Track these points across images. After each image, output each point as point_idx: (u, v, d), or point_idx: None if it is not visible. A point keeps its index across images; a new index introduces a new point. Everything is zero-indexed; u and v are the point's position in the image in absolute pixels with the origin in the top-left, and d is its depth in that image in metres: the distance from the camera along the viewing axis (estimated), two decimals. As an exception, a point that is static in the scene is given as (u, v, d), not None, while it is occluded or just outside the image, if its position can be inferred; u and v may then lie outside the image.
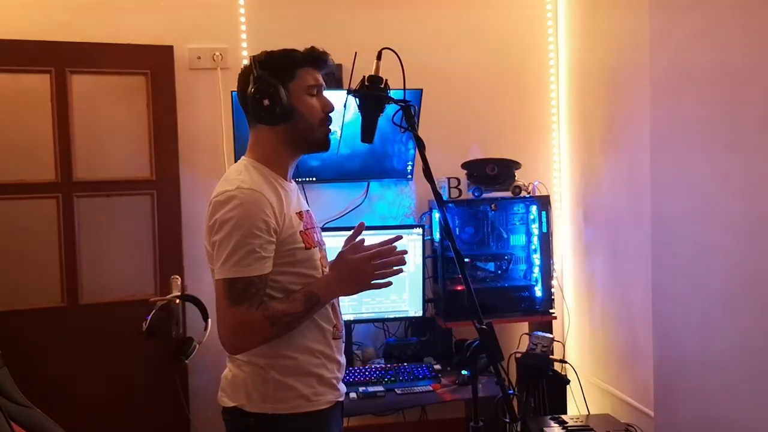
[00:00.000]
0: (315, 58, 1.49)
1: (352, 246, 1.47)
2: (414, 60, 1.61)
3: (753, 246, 1.66)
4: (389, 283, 1.46)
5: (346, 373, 2.46)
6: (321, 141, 1.52)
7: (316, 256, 1.51)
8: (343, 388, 1.57)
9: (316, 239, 1.54)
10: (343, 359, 1.58)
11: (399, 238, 1.48)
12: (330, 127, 1.53)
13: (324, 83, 1.53)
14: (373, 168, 2.87)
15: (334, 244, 2.34)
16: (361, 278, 1.45)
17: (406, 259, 1.46)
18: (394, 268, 1.45)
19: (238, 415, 1.46)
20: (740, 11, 1.69)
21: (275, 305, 1.39)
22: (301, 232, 1.47)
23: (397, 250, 1.45)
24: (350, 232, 1.53)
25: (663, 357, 2.10)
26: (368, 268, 1.44)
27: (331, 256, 1.60)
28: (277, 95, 1.42)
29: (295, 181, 1.61)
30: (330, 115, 1.52)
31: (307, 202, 1.65)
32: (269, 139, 1.49)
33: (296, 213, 1.49)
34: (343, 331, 1.59)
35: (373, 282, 1.45)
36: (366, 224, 1.53)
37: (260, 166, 1.48)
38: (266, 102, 1.42)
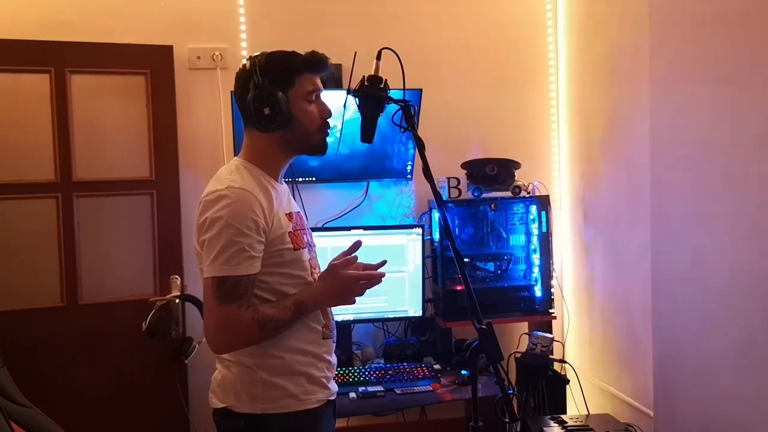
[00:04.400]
0: (315, 63, 1.49)
1: (345, 261, 1.51)
2: (414, 60, 1.61)
3: (753, 246, 1.66)
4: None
5: (346, 373, 2.47)
6: (317, 147, 1.53)
7: (305, 257, 1.52)
8: (334, 387, 1.57)
9: (306, 240, 1.55)
10: (333, 359, 1.58)
11: (359, 243, 1.55)
12: (328, 131, 1.54)
13: (322, 86, 1.53)
14: (373, 168, 2.87)
15: (333, 244, 2.36)
16: (346, 296, 1.52)
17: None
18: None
19: (228, 416, 1.46)
20: (740, 10, 1.69)
21: (265, 309, 1.40)
22: (289, 233, 1.47)
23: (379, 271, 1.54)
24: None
25: (663, 357, 2.10)
26: (355, 287, 1.50)
27: (323, 255, 1.61)
28: (277, 104, 1.43)
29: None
30: (328, 120, 1.53)
31: (302, 203, 1.65)
32: (264, 143, 1.50)
33: (286, 214, 1.50)
34: (335, 331, 1.60)
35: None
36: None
37: (251, 167, 1.49)
38: (266, 111, 1.43)
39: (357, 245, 1.56)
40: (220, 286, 1.35)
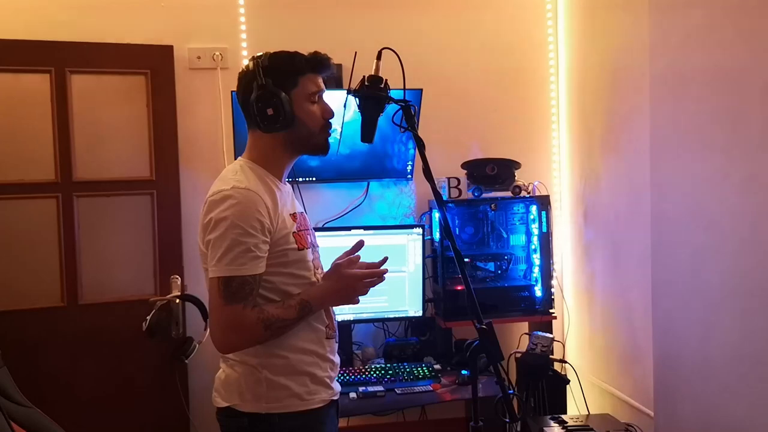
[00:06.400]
0: (318, 63, 1.50)
1: (348, 260, 1.52)
2: (414, 60, 1.61)
3: (753, 246, 1.66)
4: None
5: (346, 373, 2.47)
6: (320, 146, 1.54)
7: (309, 257, 1.52)
8: (337, 387, 1.58)
9: (309, 241, 1.55)
10: (336, 359, 1.59)
11: (362, 242, 1.56)
12: (330, 131, 1.55)
13: (325, 87, 1.54)
14: (373, 168, 2.87)
15: (333, 243, 2.35)
16: (350, 294, 1.53)
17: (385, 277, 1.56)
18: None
19: (231, 415, 1.46)
20: (739, 11, 1.69)
21: (270, 309, 1.40)
22: (294, 233, 1.48)
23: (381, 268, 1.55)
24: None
25: (663, 357, 2.10)
26: (359, 286, 1.51)
27: (326, 255, 1.61)
28: (281, 105, 1.43)
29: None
30: (330, 120, 1.54)
31: (303, 203, 1.66)
32: (268, 143, 1.50)
33: (290, 214, 1.50)
34: (337, 331, 1.61)
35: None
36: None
37: (256, 167, 1.49)
38: (270, 111, 1.43)
39: (360, 245, 1.56)
40: (226, 286, 1.36)
